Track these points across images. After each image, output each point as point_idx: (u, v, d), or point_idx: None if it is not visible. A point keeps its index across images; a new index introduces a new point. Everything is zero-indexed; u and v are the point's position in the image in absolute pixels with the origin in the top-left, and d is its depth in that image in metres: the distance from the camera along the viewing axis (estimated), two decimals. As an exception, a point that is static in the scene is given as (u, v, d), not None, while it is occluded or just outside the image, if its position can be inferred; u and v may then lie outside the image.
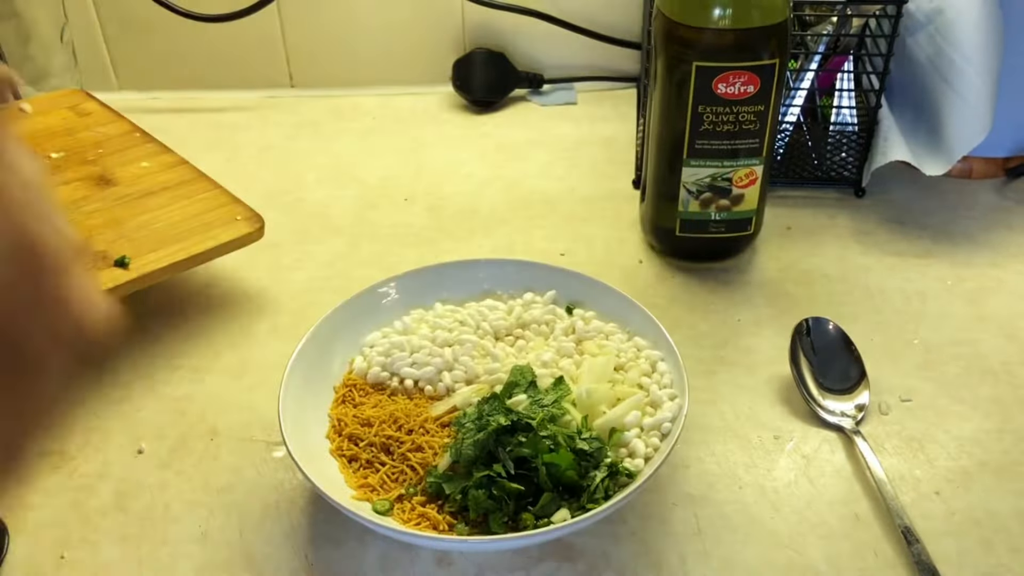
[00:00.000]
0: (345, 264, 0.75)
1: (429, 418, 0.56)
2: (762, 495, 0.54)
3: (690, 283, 0.72)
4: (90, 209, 0.68)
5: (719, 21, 0.61)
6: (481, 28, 0.98)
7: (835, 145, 0.81)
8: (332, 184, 0.85)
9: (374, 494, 0.52)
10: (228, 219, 0.67)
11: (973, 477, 0.55)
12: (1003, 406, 0.60)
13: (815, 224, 0.78)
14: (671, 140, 0.67)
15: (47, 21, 0.92)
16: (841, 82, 0.81)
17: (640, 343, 0.59)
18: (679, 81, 0.64)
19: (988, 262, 0.73)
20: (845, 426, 0.58)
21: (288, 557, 0.51)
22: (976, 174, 0.84)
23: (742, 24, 0.61)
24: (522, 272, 0.65)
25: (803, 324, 0.63)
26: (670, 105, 0.65)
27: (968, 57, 0.73)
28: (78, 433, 0.59)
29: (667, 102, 0.66)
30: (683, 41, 0.63)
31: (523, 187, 0.84)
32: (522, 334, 0.61)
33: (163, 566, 0.51)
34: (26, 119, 0.78)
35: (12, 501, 0.54)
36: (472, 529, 0.50)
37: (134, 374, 0.64)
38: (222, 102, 0.98)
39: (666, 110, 0.66)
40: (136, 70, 1.01)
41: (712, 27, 0.61)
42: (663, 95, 0.66)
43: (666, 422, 0.53)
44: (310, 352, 0.57)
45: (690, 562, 0.51)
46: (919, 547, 0.50)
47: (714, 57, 0.62)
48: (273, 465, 0.57)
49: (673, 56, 0.64)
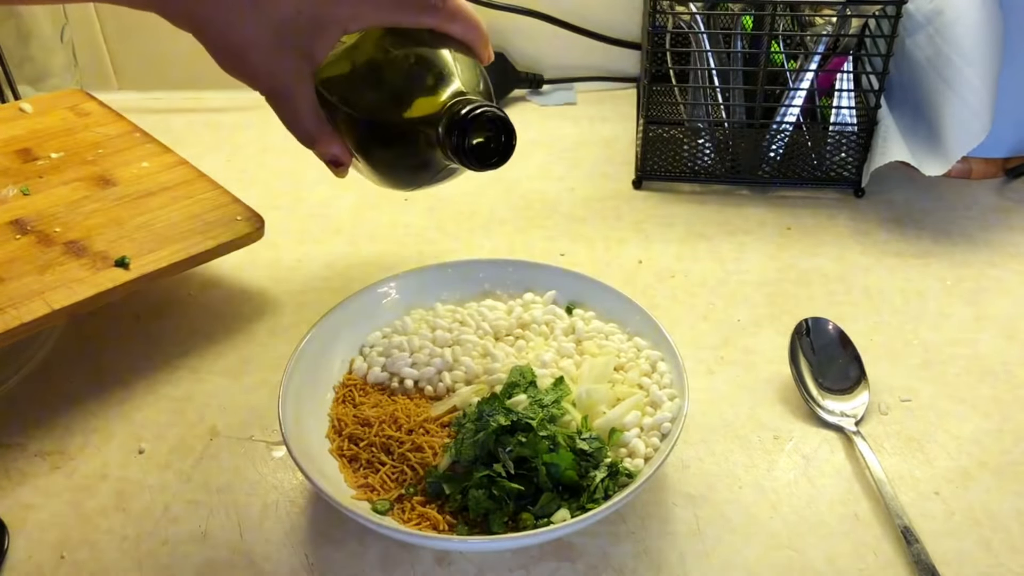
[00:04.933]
0: (345, 264, 0.75)
1: (429, 418, 0.56)
2: (762, 495, 0.54)
3: (690, 283, 0.72)
4: (90, 209, 0.68)
5: None
6: (481, 28, 0.98)
7: (835, 145, 0.81)
8: (332, 184, 0.85)
9: (374, 494, 0.52)
10: (228, 219, 0.67)
11: (973, 477, 0.55)
12: (1002, 406, 0.60)
13: (815, 224, 0.78)
14: None
15: (47, 21, 0.92)
16: (841, 82, 0.81)
17: (640, 343, 0.60)
18: None
19: (987, 262, 0.73)
20: (845, 426, 0.58)
21: (288, 557, 0.51)
22: (975, 174, 0.84)
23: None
24: (522, 272, 0.65)
25: (803, 324, 0.63)
26: None
27: (967, 58, 0.73)
28: (78, 433, 0.59)
29: None
30: None
31: (523, 187, 0.84)
32: (522, 334, 0.61)
33: (163, 566, 0.51)
34: (26, 119, 0.78)
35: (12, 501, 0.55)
36: (472, 529, 0.50)
37: (134, 374, 0.64)
38: (222, 102, 0.98)
39: None
40: (136, 70, 1.01)
41: None
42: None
43: (666, 422, 0.53)
44: (310, 352, 0.57)
45: (690, 562, 0.51)
46: (919, 547, 0.50)
47: None
48: (273, 465, 0.57)
49: None
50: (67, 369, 0.64)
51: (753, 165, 0.83)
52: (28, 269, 0.61)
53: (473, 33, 0.51)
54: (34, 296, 0.58)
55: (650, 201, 0.82)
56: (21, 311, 0.57)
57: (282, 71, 0.49)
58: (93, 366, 0.65)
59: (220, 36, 0.48)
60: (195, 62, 1.00)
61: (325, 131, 0.51)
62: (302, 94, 0.50)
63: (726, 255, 0.75)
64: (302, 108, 0.50)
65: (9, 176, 0.71)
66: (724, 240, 0.77)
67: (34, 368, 0.65)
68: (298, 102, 0.50)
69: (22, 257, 0.62)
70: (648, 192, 0.83)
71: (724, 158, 0.83)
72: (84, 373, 0.64)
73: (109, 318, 0.68)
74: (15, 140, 0.75)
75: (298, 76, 0.49)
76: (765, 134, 0.82)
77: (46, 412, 0.61)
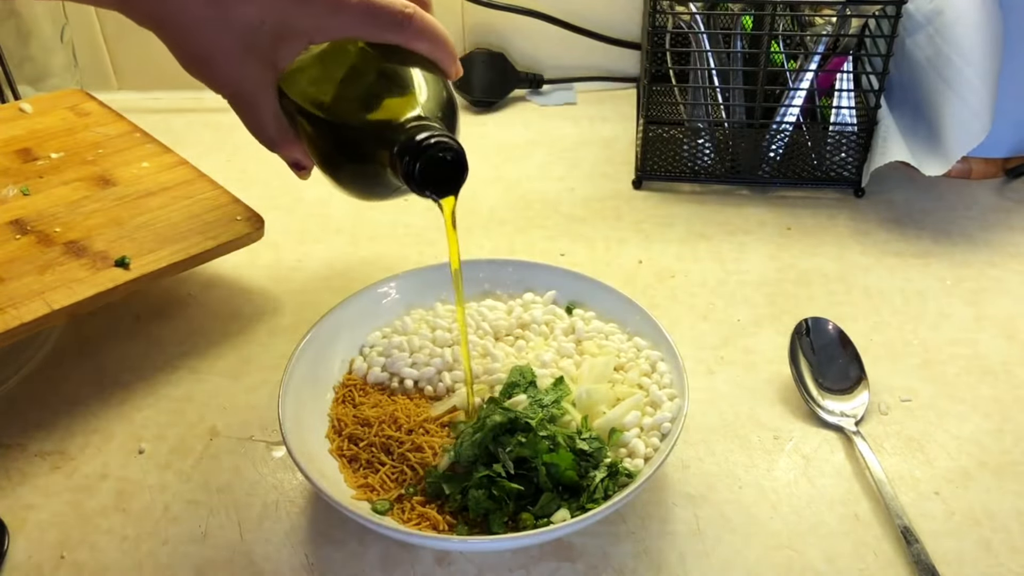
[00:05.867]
0: (345, 264, 0.75)
1: (429, 418, 0.56)
2: (762, 495, 0.54)
3: (690, 283, 0.72)
4: (90, 209, 0.68)
5: None
6: (481, 28, 0.98)
7: (835, 145, 0.81)
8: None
9: (374, 494, 0.52)
10: (228, 219, 0.67)
11: (972, 477, 0.55)
12: (1002, 406, 0.60)
13: (815, 224, 0.78)
14: None
15: (47, 21, 0.92)
16: (841, 82, 0.81)
17: (640, 343, 0.59)
18: None
19: (987, 262, 0.73)
20: (845, 426, 0.58)
21: (288, 557, 0.51)
22: (975, 174, 0.84)
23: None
24: (522, 272, 0.65)
25: (802, 324, 0.63)
26: None
27: (967, 58, 0.73)
28: (78, 433, 0.59)
29: None
30: None
31: (523, 187, 0.84)
32: (522, 334, 0.61)
33: (163, 566, 0.51)
34: (26, 119, 0.78)
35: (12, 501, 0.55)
36: (472, 529, 0.50)
37: (134, 374, 0.64)
38: (222, 102, 0.98)
39: None
40: (136, 70, 1.01)
41: None
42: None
43: (666, 422, 0.53)
44: (310, 352, 0.57)
45: (690, 562, 0.51)
46: (918, 547, 0.50)
47: None
48: (273, 465, 0.57)
49: None
50: (67, 369, 0.64)
51: (753, 165, 0.83)
52: (28, 269, 0.61)
53: (441, 51, 0.50)
54: (34, 296, 0.58)
55: (650, 201, 0.82)
56: (21, 311, 0.57)
57: (246, 78, 0.49)
58: (93, 366, 0.65)
59: (185, 41, 0.49)
60: (195, 62, 1.01)
61: (287, 137, 0.52)
62: (265, 101, 0.50)
63: (726, 255, 0.75)
64: (264, 115, 0.51)
65: (9, 176, 0.71)
66: (724, 240, 0.77)
67: (34, 368, 0.65)
68: (261, 109, 0.51)
69: (22, 257, 0.62)
70: (648, 192, 0.83)
71: (724, 158, 0.83)
72: (84, 373, 0.64)
73: (109, 318, 0.68)
74: (15, 140, 0.75)
75: (261, 83, 0.50)
76: (765, 134, 0.82)
77: (46, 412, 0.61)
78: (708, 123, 0.83)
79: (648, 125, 0.82)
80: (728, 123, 0.83)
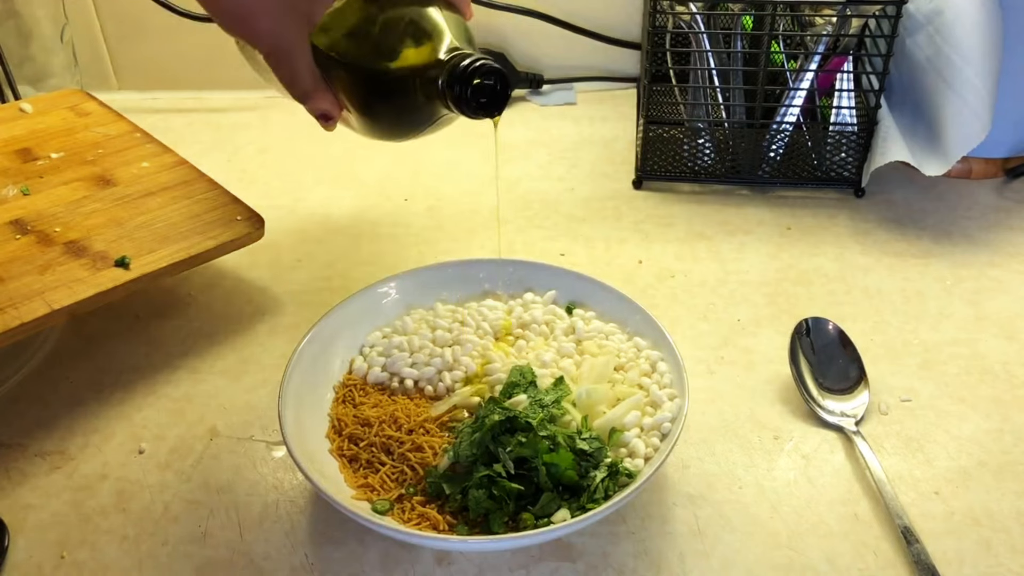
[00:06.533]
0: (345, 264, 0.75)
1: (429, 418, 0.56)
2: (762, 495, 0.54)
3: (690, 283, 0.72)
4: (90, 209, 0.68)
5: None
6: (481, 28, 0.98)
7: (835, 145, 0.81)
8: (332, 184, 0.86)
9: (374, 494, 0.52)
10: (228, 219, 0.67)
11: (972, 477, 0.55)
12: (1002, 406, 0.60)
13: (815, 224, 0.78)
14: None
15: (47, 21, 0.92)
16: (841, 82, 0.82)
17: (640, 343, 0.59)
18: None
19: (987, 262, 0.73)
20: (845, 426, 0.58)
21: (288, 557, 0.51)
22: (975, 174, 0.84)
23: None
24: (522, 272, 0.65)
25: (802, 324, 0.63)
26: None
27: (967, 58, 0.73)
28: (78, 433, 0.59)
29: None
30: None
31: (523, 187, 0.84)
32: (522, 334, 0.61)
33: (163, 566, 0.51)
34: (26, 119, 0.78)
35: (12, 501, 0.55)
36: (472, 529, 0.50)
37: (134, 374, 0.64)
38: (222, 102, 0.99)
39: None
40: (136, 70, 1.01)
41: None
42: None
43: (666, 422, 0.53)
44: (310, 352, 0.57)
45: (690, 562, 0.51)
46: (919, 547, 0.50)
47: None
48: (273, 465, 0.57)
49: None
50: (67, 369, 0.64)
51: (753, 165, 0.83)
52: (28, 269, 0.61)
53: None
54: (34, 296, 0.58)
55: (650, 201, 0.82)
56: (21, 311, 0.57)
57: (284, 32, 0.52)
58: (93, 366, 0.65)
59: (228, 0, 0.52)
60: (195, 62, 1.01)
61: (320, 87, 0.55)
62: (302, 54, 0.53)
63: (726, 255, 0.75)
64: (301, 67, 0.53)
65: (9, 176, 0.71)
66: (724, 240, 0.77)
67: (34, 368, 0.65)
68: (297, 61, 0.53)
69: (22, 257, 0.62)
70: (648, 192, 0.83)
71: (724, 158, 0.83)
72: (84, 373, 0.64)
73: (109, 318, 0.68)
74: (15, 140, 0.75)
75: (299, 37, 0.53)
76: (765, 134, 0.82)
77: (46, 412, 0.61)
78: (708, 123, 0.83)
79: (648, 125, 0.82)
80: (728, 123, 0.83)
